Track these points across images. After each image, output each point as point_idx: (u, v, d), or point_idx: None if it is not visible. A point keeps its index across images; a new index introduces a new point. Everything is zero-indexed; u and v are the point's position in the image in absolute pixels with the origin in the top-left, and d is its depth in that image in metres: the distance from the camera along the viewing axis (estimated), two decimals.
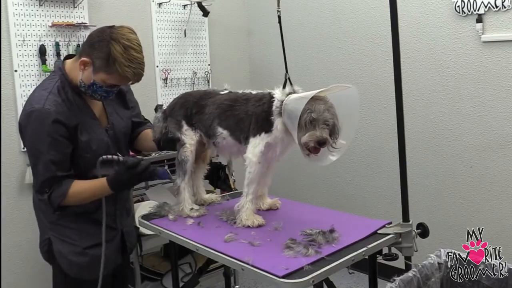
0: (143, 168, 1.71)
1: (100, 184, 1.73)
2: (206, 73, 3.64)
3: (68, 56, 1.84)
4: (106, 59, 1.63)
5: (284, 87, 1.69)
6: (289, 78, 1.68)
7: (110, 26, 1.69)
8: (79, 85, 1.73)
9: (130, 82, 1.73)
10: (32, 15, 2.76)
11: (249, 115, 1.69)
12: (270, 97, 1.69)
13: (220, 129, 1.76)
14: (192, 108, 1.82)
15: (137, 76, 1.69)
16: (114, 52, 1.62)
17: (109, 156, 1.71)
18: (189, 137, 1.82)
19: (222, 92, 1.82)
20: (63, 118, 1.67)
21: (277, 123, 1.62)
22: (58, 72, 1.77)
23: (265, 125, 1.66)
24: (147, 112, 2.11)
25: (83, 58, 1.68)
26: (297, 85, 1.69)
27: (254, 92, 1.77)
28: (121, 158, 1.72)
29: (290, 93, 1.64)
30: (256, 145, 1.67)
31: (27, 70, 2.75)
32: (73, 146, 1.72)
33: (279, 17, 1.78)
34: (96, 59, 1.66)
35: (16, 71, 2.72)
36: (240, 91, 1.80)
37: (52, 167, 1.67)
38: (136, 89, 2.03)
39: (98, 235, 1.80)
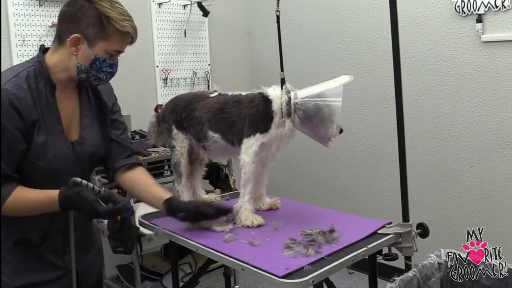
0: (111, 213, 1.38)
1: (48, 196, 1.39)
2: (206, 73, 3.65)
3: (45, 50, 1.53)
4: (99, 22, 1.41)
5: (282, 87, 1.70)
6: (283, 79, 1.69)
7: None
8: (78, 74, 1.47)
9: (133, 42, 1.51)
10: (32, 15, 2.76)
11: (242, 117, 1.69)
12: (263, 97, 1.69)
13: (211, 133, 1.76)
14: (181, 112, 1.82)
15: (136, 31, 1.48)
16: (104, 10, 1.41)
17: (78, 180, 1.37)
18: (179, 141, 1.83)
19: (212, 95, 1.82)
20: (21, 107, 1.37)
21: (287, 123, 1.64)
22: (35, 59, 1.49)
23: (260, 126, 1.67)
24: (147, 112, 2.11)
25: (72, 37, 1.41)
26: (289, 84, 1.69)
27: (243, 93, 1.77)
28: (95, 187, 1.37)
29: (289, 92, 1.64)
30: (250, 145, 1.68)
31: None
32: (26, 146, 1.40)
33: (278, 17, 1.79)
34: (86, 29, 1.41)
35: None
36: (230, 93, 1.80)
37: None
38: (136, 89, 2.03)
39: (39, 273, 1.49)
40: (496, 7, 2.52)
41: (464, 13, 2.65)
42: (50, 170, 1.44)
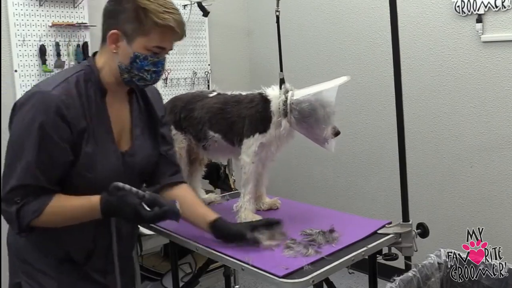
0: (157, 217, 1.33)
1: (89, 202, 1.31)
2: (206, 73, 3.64)
3: (95, 54, 1.46)
4: (137, 17, 1.30)
5: (280, 87, 1.70)
6: (282, 79, 1.69)
7: None
8: (121, 74, 1.37)
9: (178, 37, 1.38)
10: (32, 15, 2.76)
11: (242, 117, 1.70)
12: (262, 97, 1.70)
13: (211, 133, 1.76)
14: (180, 112, 1.83)
15: (181, 25, 1.34)
16: (141, 2, 1.30)
17: (121, 185, 1.29)
18: (178, 141, 1.83)
19: (211, 95, 1.82)
20: (70, 115, 1.28)
21: (283, 123, 1.63)
22: (85, 63, 1.41)
23: (259, 126, 1.67)
24: None
25: (110, 33, 1.33)
26: (288, 83, 1.70)
27: (243, 93, 1.77)
28: (138, 191, 1.31)
29: (286, 92, 1.65)
30: (249, 146, 1.68)
31: (27, 70, 2.75)
32: (73, 157, 1.32)
33: (277, 17, 1.79)
34: (124, 24, 1.32)
35: (16, 71, 2.72)
36: (229, 93, 1.80)
37: (37, 173, 1.27)
38: None
39: None
40: (496, 7, 2.52)
41: (464, 13, 2.65)
42: (99, 183, 1.33)
